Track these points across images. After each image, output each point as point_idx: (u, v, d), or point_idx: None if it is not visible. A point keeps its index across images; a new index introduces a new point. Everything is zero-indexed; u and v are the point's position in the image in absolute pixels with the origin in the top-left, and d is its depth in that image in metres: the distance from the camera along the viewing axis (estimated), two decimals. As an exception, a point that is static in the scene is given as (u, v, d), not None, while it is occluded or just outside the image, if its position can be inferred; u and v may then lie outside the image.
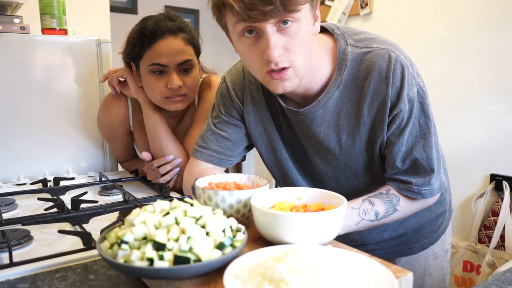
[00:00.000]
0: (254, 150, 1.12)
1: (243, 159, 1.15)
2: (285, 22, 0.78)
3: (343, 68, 0.90)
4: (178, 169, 1.27)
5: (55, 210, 1.00)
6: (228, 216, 0.74)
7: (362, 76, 0.89)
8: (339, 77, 0.90)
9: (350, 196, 0.86)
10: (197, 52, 1.26)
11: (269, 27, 0.78)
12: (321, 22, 0.94)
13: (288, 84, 0.85)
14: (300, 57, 0.82)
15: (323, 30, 0.95)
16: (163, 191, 1.19)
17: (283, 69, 0.82)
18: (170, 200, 0.67)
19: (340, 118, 0.92)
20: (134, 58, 1.23)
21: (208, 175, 0.89)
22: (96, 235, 0.83)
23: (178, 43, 1.18)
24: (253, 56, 0.83)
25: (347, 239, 1.06)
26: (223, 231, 0.63)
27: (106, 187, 1.25)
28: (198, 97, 1.34)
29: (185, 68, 1.20)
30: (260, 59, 0.82)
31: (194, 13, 3.76)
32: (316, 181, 1.05)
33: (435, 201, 0.98)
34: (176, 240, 0.59)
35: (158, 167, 1.27)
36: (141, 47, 1.19)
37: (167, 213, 0.62)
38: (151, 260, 0.57)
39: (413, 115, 0.88)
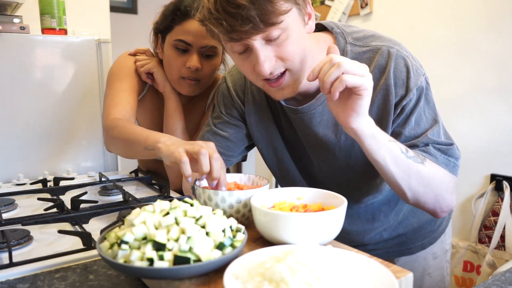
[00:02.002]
0: (254, 149, 1.12)
1: (244, 159, 1.15)
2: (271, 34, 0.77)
3: None
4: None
5: (55, 210, 1.00)
6: (228, 216, 0.74)
7: None
8: None
9: (349, 198, 0.85)
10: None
11: (257, 43, 0.77)
12: (321, 21, 0.93)
13: (287, 91, 0.85)
14: (296, 62, 0.81)
15: (323, 28, 0.95)
16: (163, 191, 1.19)
17: (280, 76, 0.82)
18: (170, 200, 0.67)
19: None
20: (163, 29, 1.23)
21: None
22: (96, 235, 0.83)
23: None
24: (247, 68, 0.84)
25: (347, 239, 1.05)
26: (223, 231, 0.63)
27: (106, 187, 1.25)
28: (212, 98, 1.34)
29: (208, 53, 1.19)
30: (254, 71, 0.82)
31: (194, 13, 3.76)
32: (317, 182, 1.05)
33: (451, 202, 0.88)
34: (176, 240, 0.59)
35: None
36: (172, 20, 1.19)
37: (167, 213, 0.62)
38: (151, 260, 0.57)
39: (419, 105, 0.87)
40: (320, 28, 0.96)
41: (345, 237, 1.06)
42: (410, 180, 0.82)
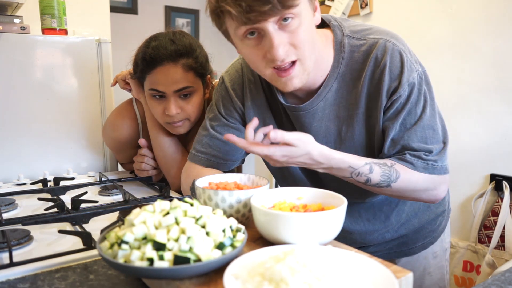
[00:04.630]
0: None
1: (243, 162, 1.15)
2: (285, 19, 0.77)
3: (341, 60, 0.90)
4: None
5: (55, 210, 1.00)
6: (228, 216, 0.74)
7: (359, 67, 0.89)
8: (337, 69, 0.90)
9: (350, 196, 0.85)
10: (202, 75, 1.23)
11: (271, 26, 0.77)
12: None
13: (297, 80, 0.84)
14: (306, 51, 0.82)
15: (321, 23, 0.95)
16: (163, 191, 1.19)
17: (290, 65, 0.82)
18: (170, 200, 0.67)
19: (340, 110, 0.92)
20: (138, 78, 1.24)
21: (207, 176, 0.89)
22: (96, 235, 0.83)
23: (176, 70, 1.16)
24: (257, 56, 0.82)
25: (349, 240, 1.05)
26: (223, 231, 0.63)
27: (106, 187, 1.25)
28: (208, 101, 1.34)
29: (184, 93, 1.19)
30: (264, 58, 0.81)
31: (194, 13, 3.76)
32: (316, 179, 1.05)
33: (442, 193, 0.94)
34: (176, 240, 0.59)
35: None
36: (142, 71, 1.19)
37: (167, 213, 0.62)
38: (151, 260, 0.57)
39: (410, 101, 0.87)
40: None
41: (347, 237, 1.06)
42: (384, 192, 0.91)
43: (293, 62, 0.82)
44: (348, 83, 0.91)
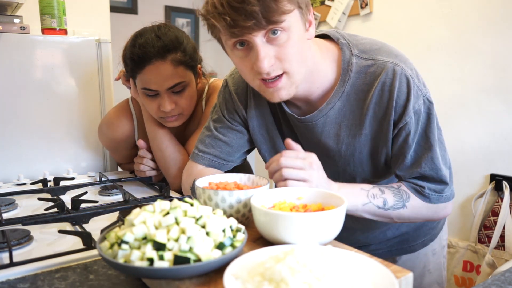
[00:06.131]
0: (254, 149, 1.12)
1: (243, 161, 1.15)
2: (274, 32, 0.78)
3: (347, 79, 0.89)
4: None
5: (55, 210, 1.00)
6: (228, 216, 0.74)
7: (365, 88, 0.88)
8: (342, 87, 0.90)
9: None
10: (192, 66, 1.23)
11: (258, 39, 0.78)
12: (322, 21, 0.93)
13: (284, 92, 0.85)
14: (294, 64, 0.82)
15: (328, 38, 0.95)
16: (163, 191, 1.19)
17: (277, 77, 0.82)
18: (170, 200, 0.67)
19: (341, 129, 0.92)
20: (129, 77, 1.24)
21: (208, 175, 0.89)
22: (96, 235, 0.83)
23: (166, 67, 1.15)
24: (246, 67, 0.83)
25: (351, 240, 1.06)
26: (223, 231, 0.63)
27: (106, 187, 1.25)
28: (206, 100, 1.34)
29: (177, 90, 1.19)
30: (252, 70, 0.82)
31: (194, 13, 3.76)
32: None
33: (445, 215, 0.97)
34: (176, 240, 0.59)
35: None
36: (132, 70, 1.19)
37: (167, 213, 0.62)
38: (151, 260, 0.57)
39: (419, 127, 0.88)
40: (325, 37, 0.96)
41: (349, 238, 1.06)
42: (393, 221, 0.92)
43: (280, 75, 0.82)
44: (352, 103, 0.90)
